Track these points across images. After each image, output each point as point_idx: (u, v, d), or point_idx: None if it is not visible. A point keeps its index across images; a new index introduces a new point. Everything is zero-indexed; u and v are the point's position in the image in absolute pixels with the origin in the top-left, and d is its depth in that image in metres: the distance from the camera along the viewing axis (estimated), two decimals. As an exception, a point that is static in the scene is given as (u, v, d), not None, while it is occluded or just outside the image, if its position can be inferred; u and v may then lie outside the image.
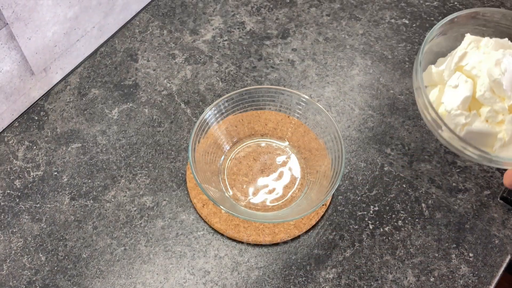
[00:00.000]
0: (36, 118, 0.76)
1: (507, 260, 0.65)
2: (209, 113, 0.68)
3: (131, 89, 0.79)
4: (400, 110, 0.77)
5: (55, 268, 0.64)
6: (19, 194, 0.70)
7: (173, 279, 0.64)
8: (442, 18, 0.54)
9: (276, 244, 0.66)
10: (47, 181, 0.71)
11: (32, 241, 0.66)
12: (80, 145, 0.74)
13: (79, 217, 0.68)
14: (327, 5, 0.91)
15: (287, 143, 0.73)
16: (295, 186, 0.71)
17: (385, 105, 0.78)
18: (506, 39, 0.44)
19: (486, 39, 0.44)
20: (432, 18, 0.87)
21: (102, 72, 0.81)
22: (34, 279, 0.63)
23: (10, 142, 0.74)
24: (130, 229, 0.67)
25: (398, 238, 0.67)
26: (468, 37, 0.44)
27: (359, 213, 0.70)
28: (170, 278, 0.64)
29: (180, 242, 0.66)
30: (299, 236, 0.67)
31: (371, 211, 0.70)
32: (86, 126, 0.76)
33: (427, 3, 0.90)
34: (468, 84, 0.39)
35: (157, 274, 0.64)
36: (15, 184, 0.70)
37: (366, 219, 0.69)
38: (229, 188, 0.70)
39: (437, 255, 0.67)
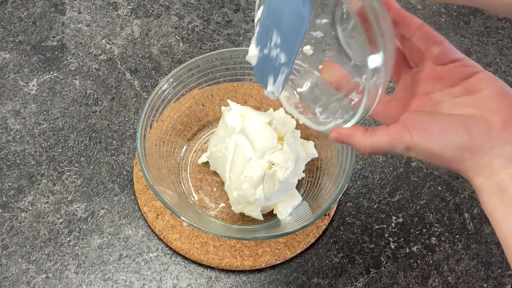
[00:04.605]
0: None
1: None
2: (165, 86, 0.64)
3: (56, 53, 0.77)
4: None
5: (-51, 305, 0.60)
6: None
7: (114, 320, 0.61)
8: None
9: (260, 270, 0.62)
10: None
11: None
12: (-16, 131, 0.70)
13: (-18, 232, 0.64)
14: None
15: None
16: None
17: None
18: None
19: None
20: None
21: (14, 28, 0.79)
22: None
23: None
24: (54, 249, 0.62)
25: (431, 261, 0.64)
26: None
27: (376, 227, 0.66)
28: (109, 320, 0.61)
29: (125, 267, 0.61)
30: (291, 259, 0.63)
31: (393, 224, 0.66)
32: (-7, 105, 0.72)
33: None
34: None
35: (91, 313, 0.62)
36: None
37: (386, 235, 0.65)
38: (193, 192, 0.66)
39: (485, 285, 0.63)
